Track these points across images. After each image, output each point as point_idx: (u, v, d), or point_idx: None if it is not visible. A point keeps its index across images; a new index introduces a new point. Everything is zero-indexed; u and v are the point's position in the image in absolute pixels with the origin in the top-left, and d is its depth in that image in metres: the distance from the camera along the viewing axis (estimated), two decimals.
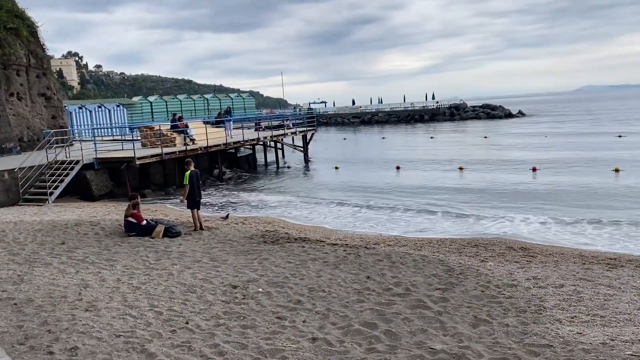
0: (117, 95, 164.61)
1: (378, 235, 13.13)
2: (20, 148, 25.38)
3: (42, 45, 28.33)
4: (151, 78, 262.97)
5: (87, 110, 42.38)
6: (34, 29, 27.93)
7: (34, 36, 27.79)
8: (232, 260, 9.87)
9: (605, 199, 16.92)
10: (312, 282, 8.13)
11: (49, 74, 28.75)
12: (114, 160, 21.79)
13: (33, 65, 27.21)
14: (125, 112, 45.58)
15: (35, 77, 27.52)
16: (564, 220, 14.12)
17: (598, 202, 16.42)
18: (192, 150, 24.46)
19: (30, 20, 27.84)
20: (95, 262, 9.71)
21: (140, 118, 49.63)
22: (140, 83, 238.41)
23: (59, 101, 29.41)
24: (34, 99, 27.38)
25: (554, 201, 16.95)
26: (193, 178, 13.33)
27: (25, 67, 26.66)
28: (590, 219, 14.11)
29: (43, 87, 28.06)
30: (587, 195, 17.66)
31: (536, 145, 35.63)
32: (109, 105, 44.92)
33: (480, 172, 24.80)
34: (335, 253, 10.29)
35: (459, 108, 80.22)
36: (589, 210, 15.25)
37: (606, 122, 55.77)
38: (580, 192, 18.38)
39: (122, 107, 45.54)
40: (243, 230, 13.34)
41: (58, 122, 28.76)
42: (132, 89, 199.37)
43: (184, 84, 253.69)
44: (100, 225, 13.92)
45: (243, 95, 58.14)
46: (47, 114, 28.24)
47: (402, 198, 19.27)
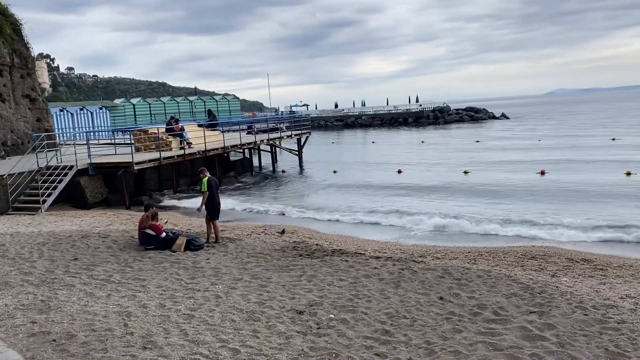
0: (90, 98, 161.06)
1: (417, 245, 12.27)
2: (4, 153, 23.85)
3: (27, 44, 26.79)
4: (124, 81, 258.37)
5: (68, 112, 40.67)
6: (17, 27, 26.38)
7: (17, 34, 26.25)
8: (275, 277, 8.88)
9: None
10: (385, 305, 7.21)
11: (33, 75, 27.21)
12: (109, 166, 20.53)
13: (17, 65, 25.67)
14: (108, 114, 43.96)
15: (19, 77, 25.97)
16: (589, 225, 13.46)
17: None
18: (190, 154, 23.32)
19: (13, 17, 26.28)
20: (122, 283, 8.61)
21: (123, 121, 48.01)
22: (114, 86, 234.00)
23: (44, 103, 27.89)
24: (18, 101, 25.83)
25: (571, 204, 16.46)
26: (212, 184, 12.28)
27: (8, 66, 25.11)
28: (609, 223, 13.55)
29: (27, 88, 26.52)
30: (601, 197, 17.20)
31: (535, 148, 35.31)
32: (91, 107, 43.26)
33: (486, 174, 24.26)
34: (386, 268, 9.39)
35: (442, 111, 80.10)
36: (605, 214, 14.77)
37: (592, 125, 56.11)
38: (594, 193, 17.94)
39: (105, 110, 43.91)
40: (269, 242, 12.34)
41: (43, 125, 27.24)
42: (105, 92, 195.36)
43: (158, 86, 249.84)
44: (110, 237, 12.75)
45: (228, 98, 56.87)
46: (32, 116, 26.70)
47: (411, 201, 18.62)
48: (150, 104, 50.83)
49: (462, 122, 75.77)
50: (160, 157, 21.20)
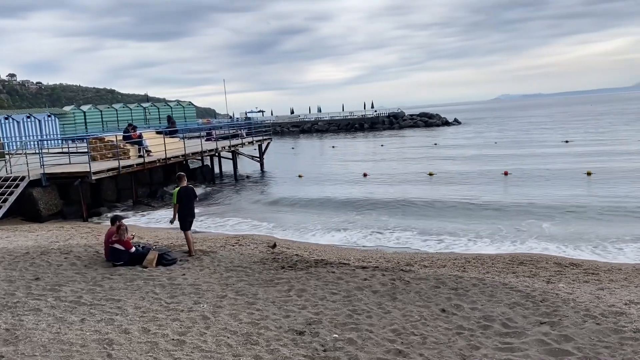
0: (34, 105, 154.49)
1: (400, 253, 11.94)
2: None
3: None
4: (70, 88, 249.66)
5: (14, 120, 38.47)
6: None
7: None
8: (262, 293, 8.32)
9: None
10: (388, 321, 6.79)
11: None
12: (64, 176, 19.34)
13: None
14: (57, 122, 41.90)
15: None
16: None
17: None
18: (150, 162, 22.34)
19: None
20: (95, 304, 7.86)
21: (73, 129, 45.91)
22: (59, 93, 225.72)
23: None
24: None
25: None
26: (183, 196, 11.56)
27: None
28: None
29: None
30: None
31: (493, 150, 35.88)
32: (39, 115, 41.07)
33: (451, 180, 24.33)
34: (377, 279, 8.99)
35: (397, 117, 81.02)
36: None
37: (543, 128, 57.83)
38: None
39: (54, 117, 41.81)
40: (246, 253, 11.73)
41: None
42: (50, 99, 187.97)
43: (106, 93, 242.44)
44: (73, 253, 11.83)
45: (183, 104, 55.41)
46: None
47: (380, 205, 18.41)
48: (102, 111, 48.87)
49: (417, 128, 76.76)
50: (119, 166, 20.16)
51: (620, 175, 21.67)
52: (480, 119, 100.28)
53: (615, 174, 22.19)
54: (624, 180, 20.59)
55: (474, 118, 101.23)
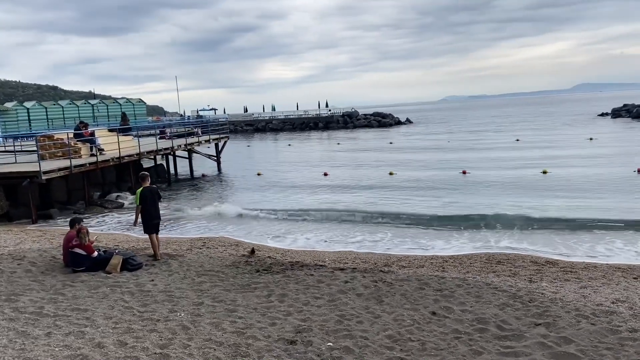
0: None
1: (374, 253, 11.71)
2: None
3: None
4: (9, 83, 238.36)
5: None
6: None
7: None
8: (241, 299, 7.89)
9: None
10: (381, 327, 6.51)
11: None
12: (11, 176, 18.15)
13: None
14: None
15: None
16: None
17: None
18: (104, 161, 21.32)
19: None
20: (60, 315, 7.22)
21: (16, 126, 43.60)
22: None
23: None
24: None
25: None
26: (147, 197, 10.92)
27: None
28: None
29: None
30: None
31: (447, 148, 36.38)
32: None
33: (412, 175, 24.46)
34: (358, 281, 8.72)
35: (351, 116, 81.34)
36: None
37: (492, 127, 59.31)
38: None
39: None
40: (215, 257, 11.22)
41: None
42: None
43: (48, 90, 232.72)
44: (27, 258, 10.98)
45: (133, 101, 53.54)
46: None
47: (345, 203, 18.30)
48: (47, 108, 46.62)
49: (370, 127, 77.29)
50: (70, 165, 19.11)
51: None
52: (430, 118, 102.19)
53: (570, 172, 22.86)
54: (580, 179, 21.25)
55: (424, 118, 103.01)
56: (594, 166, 24.17)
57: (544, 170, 23.16)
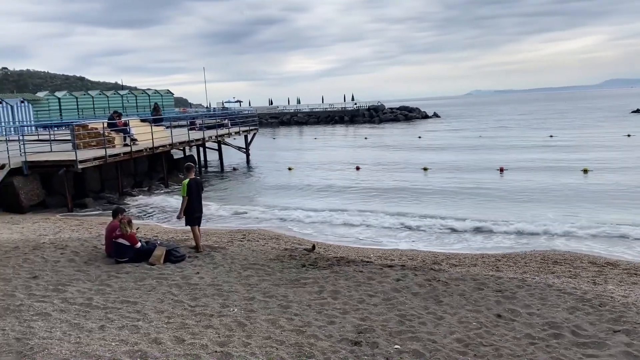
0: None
1: (419, 250, 11.37)
2: None
3: None
4: (38, 74, 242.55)
5: None
6: None
7: None
8: (292, 295, 7.63)
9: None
10: (447, 329, 6.18)
11: None
12: (48, 165, 18.22)
13: None
14: (31, 108, 40.15)
15: None
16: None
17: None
18: (137, 151, 21.30)
19: None
20: (110, 308, 7.04)
21: (47, 115, 44.09)
22: (26, 79, 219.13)
23: None
24: None
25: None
26: (192, 188, 10.73)
27: None
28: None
29: None
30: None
31: (481, 145, 35.66)
32: (11, 100, 39.30)
33: (446, 173, 23.91)
34: (411, 280, 8.39)
35: (377, 110, 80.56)
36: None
37: (524, 123, 58.13)
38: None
39: (27, 103, 40.05)
40: (258, 250, 10.99)
41: None
42: (17, 85, 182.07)
43: (75, 80, 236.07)
44: (69, 248, 10.90)
45: (161, 92, 53.82)
46: None
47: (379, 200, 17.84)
48: (78, 98, 47.07)
49: (397, 121, 76.47)
50: (105, 154, 19.10)
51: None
52: (457, 113, 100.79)
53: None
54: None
55: (451, 112, 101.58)
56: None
57: (584, 169, 22.42)
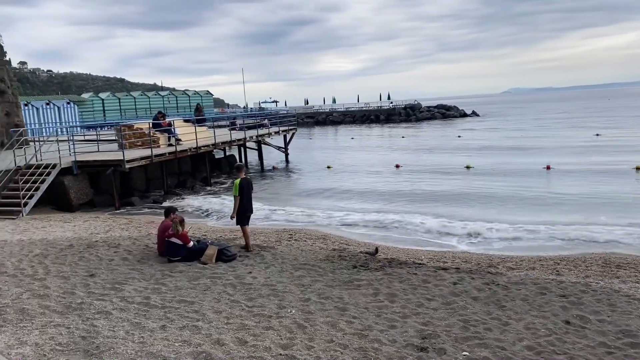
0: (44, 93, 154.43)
1: (472, 253, 11.11)
2: None
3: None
4: (81, 76, 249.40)
5: (33, 107, 37.87)
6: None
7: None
8: (347, 297, 7.51)
9: None
10: (515, 336, 5.96)
11: (2, 65, 24.74)
12: (96, 164, 18.63)
13: None
14: (77, 109, 41.27)
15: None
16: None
17: None
18: (182, 151, 21.58)
19: None
20: (168, 307, 7.07)
21: (92, 116, 45.25)
22: (70, 81, 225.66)
23: (13, 96, 25.43)
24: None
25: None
26: (244, 188, 10.74)
27: None
28: None
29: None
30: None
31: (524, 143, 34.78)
32: (58, 102, 40.48)
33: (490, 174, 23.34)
34: (468, 283, 8.17)
35: (414, 108, 79.77)
36: None
37: (565, 121, 56.53)
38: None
39: (73, 105, 41.19)
40: (307, 250, 10.93)
41: (13, 120, 24.83)
42: (60, 87, 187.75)
43: (115, 82, 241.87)
44: (122, 246, 11.07)
45: (200, 93, 54.58)
46: (1, 110, 24.28)
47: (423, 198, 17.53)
48: (120, 99, 48.17)
49: (434, 120, 75.55)
50: (151, 154, 19.41)
51: None
52: (496, 111, 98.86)
53: None
54: None
55: (489, 110, 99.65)
56: None
57: (637, 167, 21.61)
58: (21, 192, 16.12)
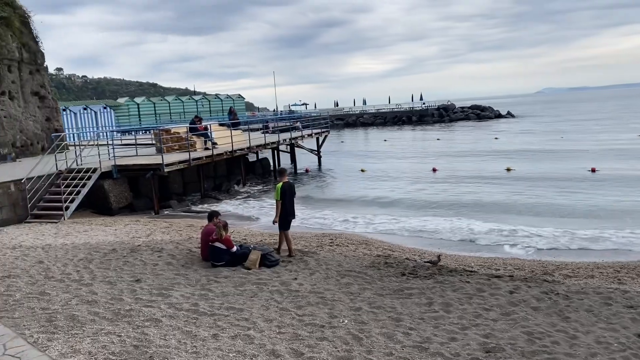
0: (79, 98, 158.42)
1: (522, 259, 10.69)
2: (14, 154, 21.98)
3: (35, 38, 24.84)
4: (114, 81, 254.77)
5: (71, 112, 38.68)
6: (25, 19, 24.43)
7: (26, 27, 24.32)
8: (399, 306, 7.24)
9: None
10: (586, 350, 5.60)
11: (42, 70, 25.26)
12: (135, 168, 18.75)
13: (26, 60, 23.78)
14: (113, 114, 41.98)
15: (28, 73, 24.07)
16: None
17: None
18: (218, 155, 21.60)
19: (22, 9, 24.30)
20: (217, 314, 6.92)
21: (127, 120, 45.98)
22: (104, 86, 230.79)
23: (53, 101, 25.94)
24: (27, 99, 23.94)
25: None
26: (286, 192, 10.55)
27: (17, 62, 23.22)
28: None
29: (37, 85, 24.62)
30: None
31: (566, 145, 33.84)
32: (94, 107, 41.25)
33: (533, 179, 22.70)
34: (525, 292, 7.80)
35: (447, 109, 78.72)
36: None
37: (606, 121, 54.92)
38: None
39: (109, 109, 41.91)
40: (350, 256, 10.69)
41: (53, 124, 25.36)
42: (95, 92, 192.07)
43: (148, 87, 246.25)
44: (165, 251, 11.01)
45: (233, 97, 54.96)
46: (41, 115, 24.81)
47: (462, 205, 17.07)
48: (155, 103, 48.83)
49: (468, 120, 74.35)
50: (189, 158, 19.46)
51: None
52: (532, 111, 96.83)
53: None
54: None
55: (524, 111, 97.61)
56: None
57: None
58: (63, 196, 16.30)
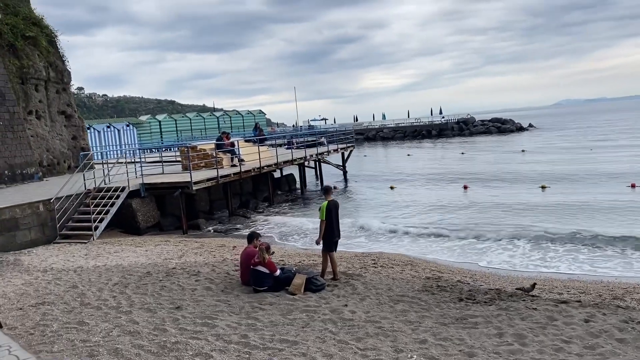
0: (99, 117, 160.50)
1: (579, 281, 10.01)
2: (41, 174, 21.81)
3: (62, 57, 24.85)
4: (134, 99, 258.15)
5: (95, 130, 38.78)
6: (52, 38, 24.46)
7: (53, 46, 24.34)
8: (468, 338, 6.62)
9: None
10: None
11: (69, 90, 25.25)
12: (163, 186, 18.40)
13: (53, 80, 23.77)
14: (135, 131, 42.03)
15: (55, 92, 24.06)
16: None
17: None
18: (246, 171, 21.18)
19: (49, 28, 24.34)
20: (271, 348, 6.37)
21: (149, 138, 46.02)
22: (123, 104, 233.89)
23: (79, 120, 25.88)
24: (54, 118, 23.91)
25: None
26: (332, 211, 9.98)
27: (44, 81, 23.21)
28: None
29: (63, 104, 24.60)
30: None
31: (597, 159, 32.90)
32: (117, 125, 41.36)
33: (567, 191, 21.91)
34: (602, 320, 7.14)
35: (467, 123, 77.85)
36: None
37: (623, 134, 53.69)
38: None
39: (132, 127, 41.98)
40: (398, 278, 10.09)
41: (79, 143, 25.27)
42: (115, 111, 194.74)
43: (167, 104, 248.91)
44: (202, 274, 10.52)
45: (254, 113, 54.85)
46: (68, 134, 24.75)
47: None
48: (177, 120, 48.88)
49: (489, 134, 73.36)
50: (217, 175, 19.07)
51: None
52: (552, 124, 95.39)
53: None
54: None
55: (545, 123, 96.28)
56: None
57: None
58: (92, 216, 15.97)
